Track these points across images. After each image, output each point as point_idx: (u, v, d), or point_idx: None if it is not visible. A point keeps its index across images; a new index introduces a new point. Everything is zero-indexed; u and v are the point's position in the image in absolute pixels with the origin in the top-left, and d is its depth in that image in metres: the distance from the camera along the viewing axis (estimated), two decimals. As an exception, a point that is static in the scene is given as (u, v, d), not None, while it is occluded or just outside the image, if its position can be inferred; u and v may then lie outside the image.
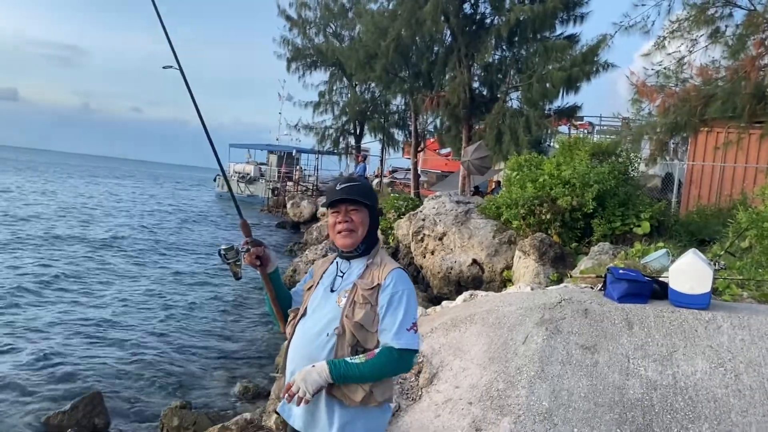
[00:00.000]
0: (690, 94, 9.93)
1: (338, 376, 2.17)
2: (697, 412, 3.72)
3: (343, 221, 2.36)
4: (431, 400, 4.27)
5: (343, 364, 2.19)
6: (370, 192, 2.44)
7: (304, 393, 2.15)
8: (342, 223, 2.36)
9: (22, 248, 15.78)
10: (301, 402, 2.17)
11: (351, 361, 2.20)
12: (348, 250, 2.39)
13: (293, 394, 2.17)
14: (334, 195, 2.37)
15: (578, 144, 12.04)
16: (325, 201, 2.45)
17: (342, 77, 29.35)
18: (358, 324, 2.25)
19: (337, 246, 2.42)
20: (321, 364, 2.19)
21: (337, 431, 2.23)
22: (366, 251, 2.41)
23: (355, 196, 2.36)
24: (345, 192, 2.36)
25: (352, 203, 2.36)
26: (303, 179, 35.86)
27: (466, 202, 12.39)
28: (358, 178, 2.64)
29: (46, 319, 9.59)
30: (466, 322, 4.89)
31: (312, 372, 2.17)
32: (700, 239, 9.53)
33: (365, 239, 2.39)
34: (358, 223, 2.37)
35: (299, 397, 2.16)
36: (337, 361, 2.20)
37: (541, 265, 9.18)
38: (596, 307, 4.60)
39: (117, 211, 29.04)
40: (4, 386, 6.80)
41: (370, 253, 2.41)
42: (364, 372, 2.19)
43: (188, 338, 9.30)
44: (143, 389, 7.11)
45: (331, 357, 2.23)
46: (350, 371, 2.18)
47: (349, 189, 2.37)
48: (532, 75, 17.03)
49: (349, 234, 2.36)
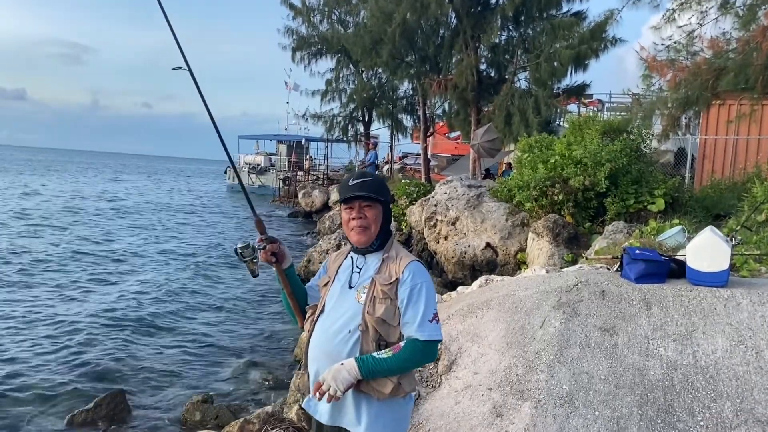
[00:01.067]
0: (701, 67, 9.78)
1: (367, 371, 2.20)
2: (719, 390, 3.70)
3: (357, 217, 2.36)
4: (451, 387, 4.29)
5: (371, 360, 2.22)
6: (383, 187, 2.44)
7: (335, 391, 2.18)
8: (356, 220, 2.36)
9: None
10: (332, 399, 2.20)
11: (378, 356, 2.22)
12: (362, 246, 2.40)
13: (324, 392, 2.19)
14: (348, 191, 2.37)
15: (588, 123, 11.94)
16: (339, 197, 2.45)
17: (348, 64, 29.21)
18: (380, 319, 2.26)
19: (352, 242, 2.43)
20: (349, 361, 2.22)
21: (366, 424, 2.27)
22: (381, 246, 2.41)
23: (369, 193, 2.36)
24: (358, 188, 2.36)
25: (365, 199, 2.36)
26: (313, 168, 35.85)
27: (478, 186, 12.34)
28: (370, 173, 2.64)
29: (70, 314, 9.72)
30: (482, 307, 4.89)
31: (341, 370, 2.19)
32: (716, 214, 9.45)
33: (379, 234, 2.39)
34: (372, 219, 2.37)
35: (330, 395, 2.18)
36: (365, 357, 2.22)
37: (555, 246, 9.15)
38: (613, 289, 4.58)
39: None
40: (27, 386, 6.89)
41: (384, 247, 2.42)
42: (391, 366, 2.22)
43: (207, 333, 9.37)
44: (164, 384, 7.18)
45: (353, 353, 2.26)
46: (378, 366, 2.21)
47: (362, 185, 2.37)
48: (540, 54, 16.85)
49: (363, 231, 2.36)
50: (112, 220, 23.58)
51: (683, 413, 3.62)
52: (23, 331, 8.84)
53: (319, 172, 33.68)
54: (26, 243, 16.56)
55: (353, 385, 2.21)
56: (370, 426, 2.26)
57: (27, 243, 16.57)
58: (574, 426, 3.65)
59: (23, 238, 17.47)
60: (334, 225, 18.68)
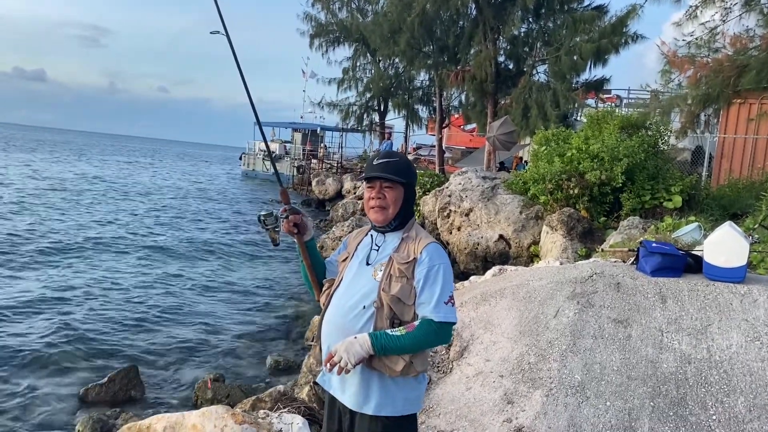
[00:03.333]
0: (723, 64, 9.67)
1: (380, 347, 2.20)
2: (732, 385, 3.69)
3: (377, 197, 2.36)
4: (462, 372, 4.30)
5: (384, 336, 2.22)
6: (407, 168, 2.43)
7: (345, 363, 2.19)
8: (374, 200, 2.37)
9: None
10: (342, 372, 2.20)
11: (391, 333, 2.23)
12: (380, 225, 2.41)
13: (335, 363, 2.20)
14: (371, 170, 2.38)
15: (607, 117, 11.85)
16: (363, 174, 2.45)
17: (366, 53, 29.16)
18: (395, 297, 2.27)
19: (370, 220, 2.44)
20: (363, 335, 2.22)
21: (377, 402, 2.27)
22: (401, 225, 2.41)
23: (390, 174, 2.35)
24: (381, 168, 2.36)
25: (386, 180, 2.36)
26: (327, 157, 35.87)
27: (493, 178, 12.31)
28: (397, 153, 2.64)
29: (81, 290, 9.85)
30: (496, 296, 4.90)
31: (354, 343, 2.20)
32: (732, 213, 9.37)
33: (399, 214, 2.39)
34: (391, 200, 2.36)
35: (340, 367, 2.19)
36: (378, 333, 2.23)
37: (569, 240, 9.12)
38: (629, 281, 4.57)
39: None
40: (41, 361, 6.99)
41: (405, 227, 2.42)
42: (404, 344, 2.22)
43: (220, 313, 9.46)
44: (177, 362, 7.27)
45: (366, 329, 2.26)
46: (391, 343, 2.21)
47: (386, 165, 2.36)
48: (560, 47, 16.75)
49: (381, 210, 2.37)
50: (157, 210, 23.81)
51: (696, 407, 3.62)
52: (40, 306, 9.02)
53: (333, 161, 33.71)
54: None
55: (364, 359, 2.21)
56: (381, 404, 2.28)
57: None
58: (585, 415, 3.66)
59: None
60: (347, 213, 18.73)
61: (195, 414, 3.59)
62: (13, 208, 18.91)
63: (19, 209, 18.72)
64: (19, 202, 20.35)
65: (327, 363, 2.23)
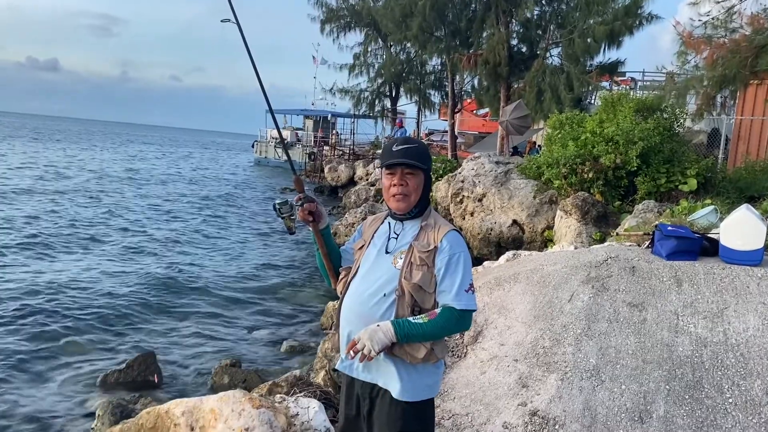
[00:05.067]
0: (740, 44, 9.50)
1: (403, 335, 2.22)
2: (749, 368, 3.67)
3: (399, 185, 2.34)
4: (476, 357, 4.32)
5: (407, 324, 2.23)
6: (427, 154, 2.41)
7: (369, 351, 2.20)
8: (397, 186, 2.34)
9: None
10: (364, 359, 2.23)
11: (414, 321, 2.24)
12: (401, 213, 2.39)
13: (357, 351, 2.22)
14: (391, 156, 2.34)
15: (622, 100, 11.73)
16: (381, 161, 2.42)
17: (377, 38, 29.00)
18: (417, 285, 2.28)
19: (391, 208, 2.42)
20: (386, 323, 2.23)
21: (399, 387, 2.30)
22: (419, 213, 2.41)
23: (413, 160, 2.32)
24: (401, 154, 2.32)
25: (408, 166, 2.34)
26: (339, 143, 35.83)
27: (506, 163, 12.26)
28: (415, 139, 2.61)
29: (102, 279, 9.98)
30: (510, 281, 4.89)
31: (378, 331, 2.21)
32: (749, 195, 9.26)
33: (419, 202, 2.39)
34: (413, 187, 2.35)
35: (363, 354, 2.21)
36: (401, 321, 2.24)
37: (584, 224, 9.07)
38: (644, 265, 4.54)
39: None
40: (61, 346, 7.10)
41: (423, 215, 2.41)
42: (426, 331, 2.24)
43: (235, 300, 9.53)
44: (194, 349, 7.35)
45: (387, 317, 2.27)
46: (413, 330, 2.23)
47: (407, 151, 2.33)
48: (573, 30, 16.57)
49: (403, 198, 2.35)
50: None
51: (712, 390, 3.61)
52: (63, 289, 9.22)
53: (345, 148, 33.66)
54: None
55: (387, 347, 2.23)
56: (404, 389, 2.30)
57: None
58: (600, 399, 3.66)
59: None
60: (360, 199, 18.73)
61: (213, 399, 3.63)
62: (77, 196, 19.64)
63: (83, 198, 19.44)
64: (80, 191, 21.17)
65: (350, 351, 2.25)
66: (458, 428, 3.77)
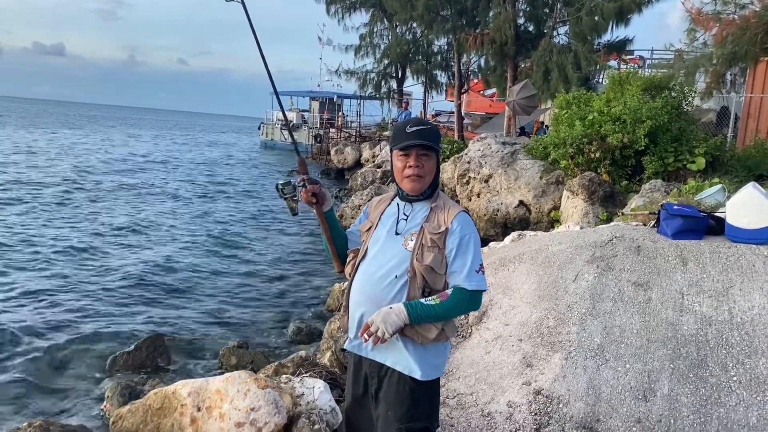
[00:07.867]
0: (750, 21, 9.36)
1: (416, 316, 2.24)
2: (754, 346, 3.67)
3: (415, 166, 2.33)
4: (481, 337, 4.33)
5: (420, 306, 2.25)
6: (439, 136, 2.41)
7: (383, 333, 2.22)
8: (412, 168, 2.33)
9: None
10: (378, 342, 2.24)
11: (426, 303, 2.26)
12: (415, 194, 2.39)
13: (371, 333, 2.24)
14: (406, 138, 2.33)
15: (630, 79, 11.61)
16: (394, 142, 2.39)
17: (383, 18, 28.78)
18: (428, 267, 2.28)
19: (404, 189, 2.40)
20: (398, 305, 2.25)
21: (409, 365, 2.32)
22: (430, 195, 2.40)
23: (428, 141, 2.32)
24: (416, 136, 2.31)
25: (423, 147, 2.33)
26: (346, 125, 35.72)
27: (513, 143, 12.19)
28: (426, 120, 2.60)
29: (113, 264, 10.05)
30: (515, 261, 4.89)
31: (391, 314, 2.23)
32: (758, 174, 9.18)
33: (432, 182, 2.39)
34: (428, 169, 2.35)
35: (377, 337, 2.23)
36: (414, 303, 2.25)
37: (590, 204, 9.03)
38: (649, 244, 4.53)
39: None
40: (69, 329, 7.17)
41: (432, 197, 2.41)
42: (438, 312, 2.26)
43: (242, 283, 9.58)
44: (201, 330, 7.40)
45: (398, 299, 2.28)
46: (426, 312, 2.25)
47: (421, 132, 2.32)
48: (581, 8, 16.35)
49: (418, 179, 2.34)
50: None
51: (716, 368, 3.61)
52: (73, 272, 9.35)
53: (352, 130, 33.56)
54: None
55: (401, 329, 2.25)
56: (413, 368, 2.32)
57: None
58: (605, 378, 3.67)
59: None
60: (366, 182, 18.71)
61: (219, 379, 3.67)
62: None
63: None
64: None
65: (363, 333, 2.27)
66: (463, 407, 3.79)
